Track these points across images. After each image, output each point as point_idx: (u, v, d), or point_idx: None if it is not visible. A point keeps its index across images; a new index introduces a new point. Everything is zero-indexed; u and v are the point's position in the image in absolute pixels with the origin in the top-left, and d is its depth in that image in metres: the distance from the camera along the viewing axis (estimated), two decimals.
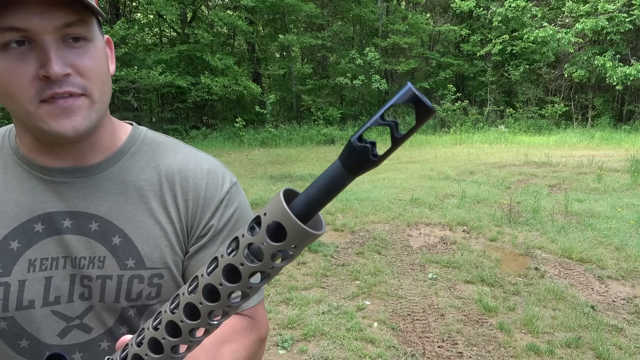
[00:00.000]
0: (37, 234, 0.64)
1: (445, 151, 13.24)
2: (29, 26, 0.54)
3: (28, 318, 0.64)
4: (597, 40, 17.27)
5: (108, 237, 0.66)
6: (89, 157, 0.66)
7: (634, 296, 3.66)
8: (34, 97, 0.57)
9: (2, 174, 0.66)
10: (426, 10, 22.93)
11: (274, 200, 0.35)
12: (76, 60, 0.58)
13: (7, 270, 0.63)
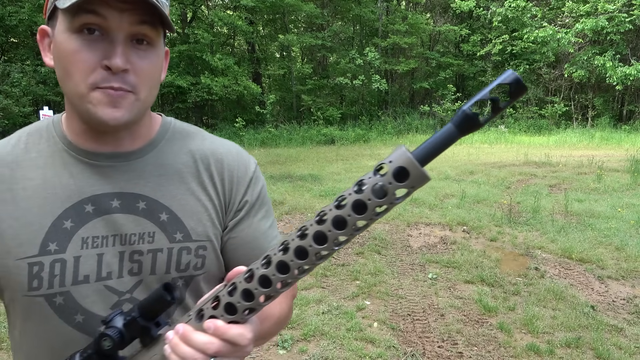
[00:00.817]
0: (87, 214, 0.69)
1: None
2: (108, 16, 0.60)
3: (83, 292, 0.68)
4: (597, 40, 17.27)
5: (156, 214, 0.71)
6: (129, 144, 0.72)
7: (634, 296, 3.66)
8: (92, 81, 0.62)
9: (51, 159, 0.70)
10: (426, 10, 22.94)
11: (397, 151, 0.45)
12: (136, 60, 0.64)
13: (63, 248, 0.67)
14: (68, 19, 0.61)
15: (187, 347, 0.55)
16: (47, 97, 15.78)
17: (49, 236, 0.67)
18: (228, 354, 0.56)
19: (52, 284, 0.67)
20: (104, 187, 0.70)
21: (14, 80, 14.53)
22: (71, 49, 0.62)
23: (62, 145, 0.71)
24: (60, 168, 0.70)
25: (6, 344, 2.99)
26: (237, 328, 0.54)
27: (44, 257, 0.67)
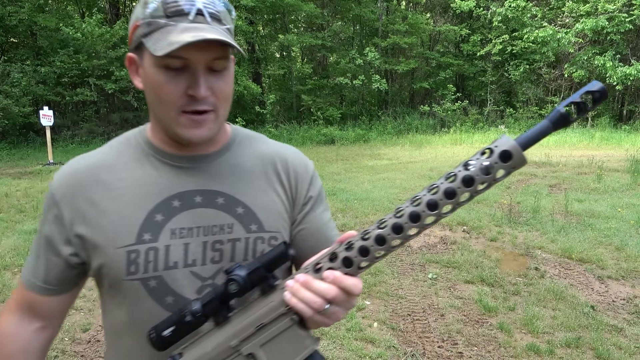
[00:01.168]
0: (174, 209, 0.79)
1: (445, 151, 13.24)
2: (190, 57, 0.71)
3: (173, 277, 0.77)
4: (597, 40, 17.27)
5: (233, 208, 0.81)
6: (207, 149, 0.83)
7: (634, 296, 3.66)
8: (179, 107, 0.73)
9: (140, 162, 0.81)
10: (426, 10, 22.94)
11: (502, 138, 0.57)
12: (214, 84, 0.74)
13: (155, 237, 0.77)
14: (156, 58, 0.71)
15: (308, 292, 0.64)
16: (47, 97, 15.77)
17: (144, 228, 0.77)
18: (342, 302, 0.65)
19: (147, 269, 0.77)
20: (187, 185, 0.80)
21: (13, 80, 14.52)
22: (160, 82, 0.73)
23: (149, 150, 0.82)
24: (149, 170, 0.81)
25: None
26: (353, 279, 0.64)
27: (140, 246, 0.77)
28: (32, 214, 6.54)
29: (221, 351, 0.69)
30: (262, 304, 0.69)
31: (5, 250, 4.79)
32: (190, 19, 0.70)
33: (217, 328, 0.71)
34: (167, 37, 0.69)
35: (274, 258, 0.69)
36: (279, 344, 0.68)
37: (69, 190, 0.80)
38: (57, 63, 15.55)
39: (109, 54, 15.75)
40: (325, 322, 0.67)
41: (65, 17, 16.81)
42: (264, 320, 0.68)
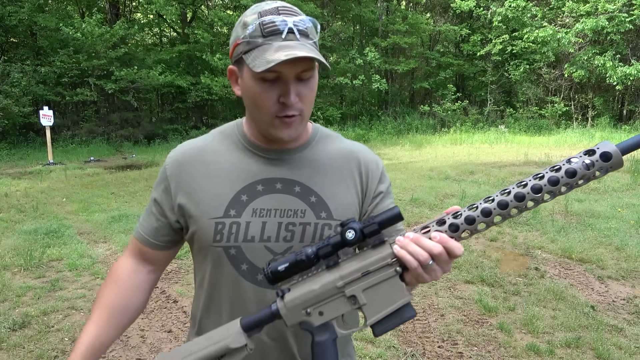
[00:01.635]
0: (258, 192, 0.93)
1: (445, 151, 13.24)
2: (283, 70, 0.83)
3: (250, 248, 0.91)
4: (597, 40, 17.26)
5: (307, 196, 0.93)
6: (292, 144, 0.96)
7: (634, 296, 3.66)
8: (273, 112, 0.86)
9: (235, 150, 0.97)
10: (426, 10, 22.94)
11: (604, 142, 0.69)
12: (302, 91, 0.87)
13: (239, 214, 0.92)
14: (254, 72, 0.83)
15: (416, 246, 0.75)
16: (47, 97, 15.77)
17: (231, 204, 0.92)
18: (443, 262, 0.75)
19: (229, 239, 0.91)
20: (271, 173, 0.94)
21: (13, 80, 14.52)
22: (257, 91, 0.86)
23: (243, 142, 0.97)
24: (242, 157, 0.96)
25: (6, 344, 2.99)
26: (456, 242, 0.75)
27: (226, 219, 0.91)
28: (32, 214, 6.54)
29: (327, 290, 0.79)
30: (371, 254, 0.79)
31: (5, 250, 4.79)
32: (282, 37, 0.82)
33: (326, 270, 0.80)
34: (264, 55, 0.81)
35: (388, 218, 0.77)
36: (380, 291, 0.78)
37: (178, 168, 0.96)
38: (57, 63, 15.55)
39: (108, 54, 15.75)
40: (424, 278, 0.77)
41: (65, 17, 16.82)
42: (370, 268, 0.78)
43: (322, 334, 0.80)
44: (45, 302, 3.64)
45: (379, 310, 0.78)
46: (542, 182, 0.70)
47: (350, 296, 0.79)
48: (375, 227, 0.78)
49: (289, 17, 0.84)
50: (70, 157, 13.45)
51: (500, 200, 0.72)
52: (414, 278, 0.77)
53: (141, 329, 3.22)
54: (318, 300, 0.79)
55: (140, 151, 15.16)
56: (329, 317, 0.80)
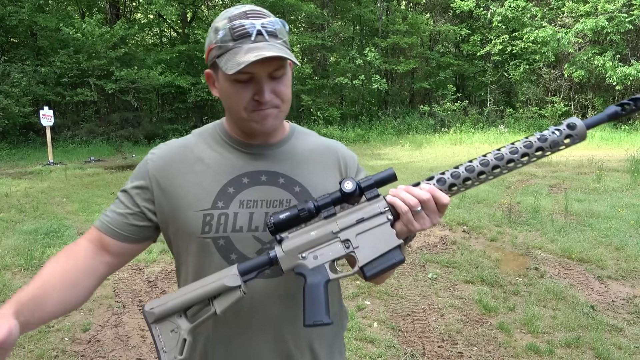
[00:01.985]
0: (244, 184, 0.97)
1: (445, 151, 13.24)
2: (254, 71, 0.87)
3: (238, 238, 0.94)
4: (597, 40, 17.26)
5: (291, 187, 0.98)
6: (272, 139, 1.01)
7: (633, 296, 3.66)
8: (248, 109, 0.91)
9: (219, 147, 1.00)
10: (426, 10, 22.94)
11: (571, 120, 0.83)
12: (276, 87, 0.91)
13: (227, 205, 0.94)
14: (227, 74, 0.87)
15: (407, 193, 0.85)
16: (47, 97, 15.77)
17: (218, 197, 0.95)
18: (431, 210, 0.84)
19: (218, 230, 0.94)
20: (255, 166, 0.98)
21: (14, 80, 14.52)
22: (232, 92, 0.91)
23: (226, 139, 1.01)
24: (225, 153, 0.99)
25: None
26: (443, 193, 0.85)
27: (214, 211, 0.94)
28: (32, 214, 6.55)
29: (323, 235, 0.86)
30: (366, 205, 0.87)
31: (5, 250, 4.80)
32: (252, 40, 0.87)
33: (323, 221, 0.87)
34: (235, 58, 0.86)
35: (384, 177, 0.87)
36: (372, 236, 0.85)
37: (162, 163, 0.98)
38: (57, 63, 15.55)
39: (109, 54, 15.75)
40: (414, 225, 0.85)
41: (66, 17, 16.81)
42: (364, 215, 0.86)
43: (315, 277, 0.85)
44: None
45: (369, 253, 0.84)
46: (518, 144, 0.84)
47: (345, 240, 0.86)
48: (371, 181, 0.87)
49: (257, 20, 0.88)
50: (71, 157, 13.45)
51: (482, 160, 0.84)
52: (405, 225, 0.85)
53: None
54: (314, 244, 0.86)
55: (141, 151, 15.16)
56: (323, 260, 0.85)
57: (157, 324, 0.83)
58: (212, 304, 0.84)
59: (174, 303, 0.84)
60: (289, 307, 0.96)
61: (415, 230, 0.85)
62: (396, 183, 0.90)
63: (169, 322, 0.83)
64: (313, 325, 0.83)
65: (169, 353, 0.82)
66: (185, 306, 0.84)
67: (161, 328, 0.83)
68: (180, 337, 0.82)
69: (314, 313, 0.83)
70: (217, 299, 0.84)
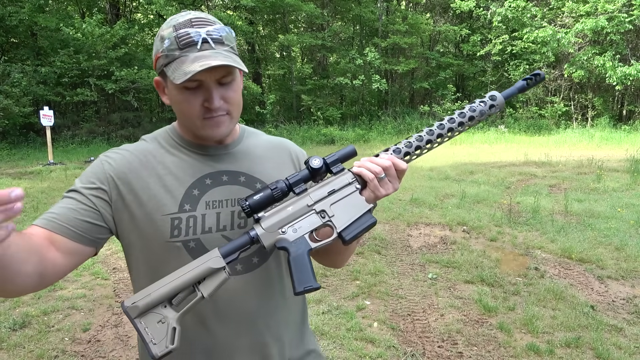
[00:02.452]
0: (207, 185, 0.98)
1: (445, 151, 13.24)
2: (202, 78, 0.89)
3: (208, 239, 0.95)
4: (597, 41, 17.26)
5: (252, 184, 1.01)
6: (226, 140, 1.03)
7: (633, 296, 3.67)
8: (199, 116, 0.92)
9: (176, 151, 1.00)
10: (426, 10, 22.93)
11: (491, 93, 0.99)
12: (225, 94, 0.92)
13: (194, 207, 0.95)
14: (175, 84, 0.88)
15: (370, 163, 0.94)
16: (47, 97, 15.76)
17: (184, 199, 0.95)
18: (392, 175, 0.94)
19: (188, 233, 0.94)
20: (215, 167, 1.00)
21: (14, 80, 14.52)
22: (181, 100, 0.92)
23: (181, 142, 1.01)
24: (183, 156, 1.00)
25: (6, 344, 2.99)
26: (401, 160, 0.96)
27: (182, 214, 0.94)
28: (32, 214, 6.55)
29: (299, 209, 0.92)
30: (334, 178, 0.95)
31: None
32: (198, 48, 0.88)
33: (297, 197, 0.93)
34: (182, 67, 0.87)
35: (346, 153, 0.95)
36: (345, 204, 0.93)
37: (122, 167, 0.96)
38: (58, 63, 15.55)
39: (109, 54, 15.75)
40: (379, 190, 0.93)
41: (66, 18, 16.81)
42: (335, 187, 0.94)
43: (298, 247, 0.90)
44: (46, 302, 3.64)
45: (345, 219, 0.91)
46: (455, 116, 0.97)
47: (320, 211, 0.92)
48: (336, 157, 0.94)
49: (202, 28, 0.89)
50: (71, 157, 13.45)
51: (428, 130, 0.97)
52: (372, 191, 0.93)
53: None
54: (292, 219, 0.91)
55: None
56: (302, 232, 0.91)
57: (141, 317, 0.82)
58: (198, 289, 0.85)
59: (158, 293, 0.83)
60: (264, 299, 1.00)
61: (381, 195, 0.93)
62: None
63: (154, 314, 0.82)
64: (304, 291, 0.88)
65: (159, 344, 0.81)
66: (170, 295, 0.84)
67: (146, 321, 0.82)
68: (169, 326, 0.82)
69: (303, 280, 0.88)
70: (202, 284, 0.85)
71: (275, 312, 1.02)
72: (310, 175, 0.93)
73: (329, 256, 1.09)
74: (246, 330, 0.98)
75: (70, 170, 10.92)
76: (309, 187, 0.94)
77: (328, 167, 0.94)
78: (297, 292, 0.88)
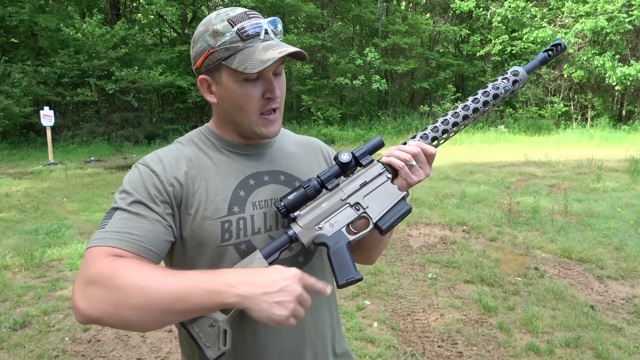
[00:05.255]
0: (251, 186, 0.98)
1: (445, 151, 13.24)
2: (262, 72, 0.90)
3: (258, 240, 0.95)
4: (597, 41, 17.27)
5: (292, 182, 1.02)
6: (263, 139, 1.01)
7: (633, 296, 3.67)
8: (258, 109, 0.93)
9: (216, 152, 0.99)
10: (426, 11, 22.94)
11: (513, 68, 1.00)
12: (280, 85, 0.94)
13: (242, 209, 0.95)
14: (236, 75, 0.90)
15: (399, 151, 0.95)
16: (48, 97, 15.77)
17: (232, 202, 0.94)
18: (422, 161, 0.95)
19: (239, 235, 0.94)
20: (256, 167, 1.00)
21: (14, 80, 14.52)
22: (242, 93, 0.91)
23: (220, 143, 1.00)
24: (224, 157, 0.99)
25: (6, 344, 3.00)
26: (429, 146, 0.97)
27: (232, 216, 0.94)
28: (33, 214, 6.55)
29: (333, 204, 0.93)
30: (364, 170, 0.96)
31: (5, 250, 4.80)
32: (262, 39, 0.90)
33: (330, 192, 0.94)
34: (254, 57, 0.87)
35: (374, 145, 0.96)
36: (378, 195, 0.94)
37: (169, 171, 0.92)
38: (58, 63, 15.55)
39: (109, 54, 15.75)
40: (411, 177, 0.94)
41: (66, 18, 16.81)
42: (366, 179, 0.95)
43: (336, 241, 0.91)
44: (46, 301, 3.65)
45: (380, 209, 0.93)
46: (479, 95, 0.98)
47: (354, 204, 0.93)
48: (364, 150, 0.95)
49: (261, 19, 0.91)
50: (71, 157, 13.45)
51: (453, 113, 0.97)
52: (404, 179, 0.95)
53: None
54: (327, 214, 0.92)
55: (141, 151, 15.15)
56: (339, 226, 0.92)
57: (194, 322, 0.84)
58: None
59: None
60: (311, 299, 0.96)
61: (413, 182, 0.94)
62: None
63: (205, 318, 0.83)
64: (347, 284, 0.89)
65: (212, 347, 0.83)
66: None
67: (198, 326, 0.83)
68: (220, 329, 0.83)
69: (345, 273, 0.90)
70: None
71: (321, 311, 1.03)
72: (341, 170, 0.94)
73: (364, 252, 1.11)
74: (293, 331, 0.97)
75: (70, 170, 10.93)
76: (341, 182, 0.95)
77: (357, 160, 0.94)
78: (340, 284, 0.89)
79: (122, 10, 19.96)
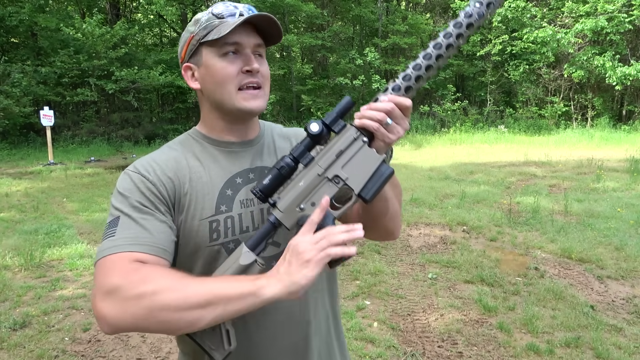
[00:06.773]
0: (238, 184, 0.97)
1: (445, 151, 13.24)
2: (241, 41, 0.92)
3: (246, 239, 0.90)
4: (597, 41, 17.27)
5: None
6: (249, 135, 1.03)
7: (633, 296, 3.67)
8: (237, 83, 0.93)
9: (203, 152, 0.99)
10: (426, 11, 22.95)
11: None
12: (260, 65, 0.94)
13: (230, 208, 0.95)
14: (215, 51, 0.92)
15: (371, 111, 0.86)
16: (48, 97, 15.76)
17: (219, 201, 0.94)
18: (399, 117, 0.86)
19: (227, 234, 0.94)
20: (242, 165, 0.99)
21: (14, 80, 14.52)
22: (221, 66, 0.92)
23: (206, 142, 1.00)
24: (209, 157, 0.98)
25: (6, 344, 3.00)
26: (403, 97, 0.86)
27: (219, 216, 0.94)
28: (33, 214, 6.55)
29: (311, 181, 0.86)
30: (338, 138, 0.87)
31: (5, 250, 4.80)
32: (236, 16, 0.92)
33: (305, 169, 0.88)
34: (223, 27, 0.90)
35: (344, 107, 0.88)
36: (356, 162, 0.86)
37: (164, 176, 0.93)
38: (58, 63, 15.55)
39: (109, 54, 15.75)
40: (389, 137, 0.86)
41: (66, 18, 16.81)
42: (341, 147, 0.87)
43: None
44: (46, 301, 3.64)
45: (361, 178, 0.85)
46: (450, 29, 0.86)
47: (333, 177, 0.86)
48: (334, 115, 0.87)
49: (238, 5, 0.95)
50: (71, 157, 13.45)
51: (425, 54, 0.87)
52: (381, 140, 0.87)
53: None
54: (306, 193, 0.86)
55: (141, 151, 15.15)
56: None
57: None
58: None
59: None
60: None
61: (392, 141, 0.87)
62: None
63: None
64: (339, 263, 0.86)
65: (217, 349, 0.82)
66: None
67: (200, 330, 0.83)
68: (222, 330, 0.83)
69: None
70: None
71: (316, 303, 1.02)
72: (313, 141, 0.87)
73: (378, 224, 1.01)
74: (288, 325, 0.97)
75: (70, 170, 10.93)
76: (316, 154, 0.89)
77: (329, 128, 0.87)
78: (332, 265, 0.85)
79: (122, 10, 19.96)
